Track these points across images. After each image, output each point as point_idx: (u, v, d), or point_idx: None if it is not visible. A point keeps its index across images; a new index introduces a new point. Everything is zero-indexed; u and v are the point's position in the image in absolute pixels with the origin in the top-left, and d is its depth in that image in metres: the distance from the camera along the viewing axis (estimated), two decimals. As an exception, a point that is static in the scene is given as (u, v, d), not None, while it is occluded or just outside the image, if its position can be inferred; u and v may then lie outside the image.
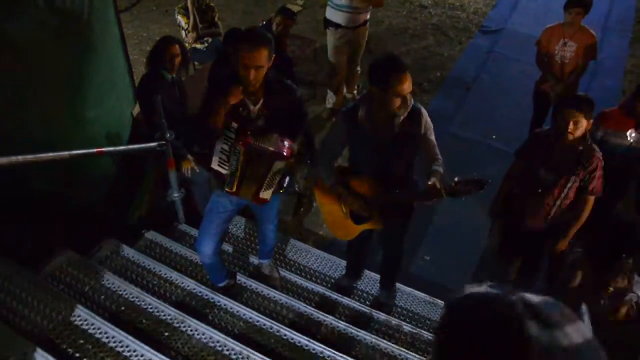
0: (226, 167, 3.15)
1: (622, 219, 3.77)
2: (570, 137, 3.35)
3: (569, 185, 3.55)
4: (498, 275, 4.46)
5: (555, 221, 3.75)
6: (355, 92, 6.48)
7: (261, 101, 3.04)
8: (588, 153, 3.46)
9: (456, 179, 2.93)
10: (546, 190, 3.63)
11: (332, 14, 5.78)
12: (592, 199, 3.60)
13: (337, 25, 5.78)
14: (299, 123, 3.31)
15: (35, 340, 2.96)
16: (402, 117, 3.05)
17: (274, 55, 2.90)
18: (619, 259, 3.19)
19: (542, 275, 4.24)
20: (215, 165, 3.19)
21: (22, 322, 3.17)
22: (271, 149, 2.93)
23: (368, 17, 5.86)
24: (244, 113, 3.03)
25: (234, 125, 3.01)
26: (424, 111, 3.15)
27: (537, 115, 5.71)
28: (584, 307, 3.07)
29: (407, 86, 2.92)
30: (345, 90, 6.49)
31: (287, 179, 3.36)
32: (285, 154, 2.97)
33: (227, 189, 3.15)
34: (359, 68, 6.27)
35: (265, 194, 3.21)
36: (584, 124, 3.33)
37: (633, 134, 4.05)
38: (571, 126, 3.32)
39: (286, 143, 3.01)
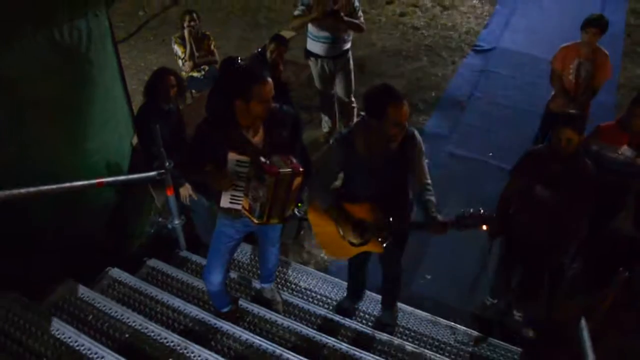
0: (240, 202, 3.19)
1: (620, 234, 3.81)
2: (565, 153, 3.43)
3: (565, 199, 3.61)
4: (498, 291, 4.49)
5: (553, 236, 3.79)
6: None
7: (261, 130, 3.11)
8: (582, 168, 3.53)
9: (462, 212, 2.97)
10: (543, 207, 3.68)
11: (312, 45, 5.84)
12: (587, 213, 3.65)
13: (317, 56, 5.85)
14: (296, 141, 3.40)
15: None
16: (397, 142, 3.11)
17: None
18: (617, 273, 3.22)
19: (543, 290, 4.26)
20: (226, 204, 3.22)
21: (26, 353, 3.19)
22: (290, 170, 2.99)
23: (349, 46, 5.89)
24: (249, 147, 3.09)
25: (245, 159, 3.05)
26: (417, 134, 3.21)
27: (543, 134, 5.72)
28: (583, 322, 3.09)
29: (404, 115, 2.98)
30: (339, 123, 6.52)
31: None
32: (301, 169, 3.03)
33: (257, 222, 3.13)
34: (353, 99, 6.29)
35: (289, 211, 3.26)
36: (576, 140, 3.40)
37: (626, 151, 4.10)
38: (566, 144, 3.40)
39: (294, 160, 3.07)
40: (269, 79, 2.94)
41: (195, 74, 6.21)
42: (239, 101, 2.92)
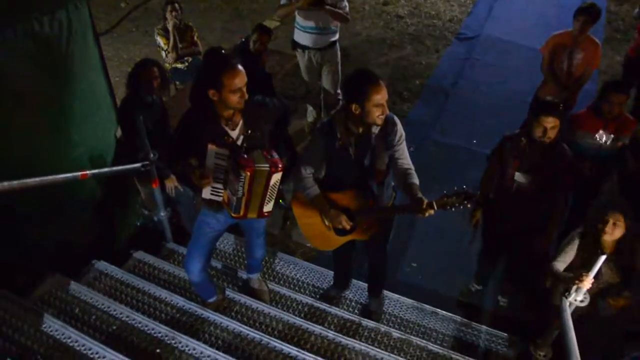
0: (221, 195, 3.20)
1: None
2: (549, 141, 3.47)
3: (544, 184, 3.67)
4: (483, 277, 4.55)
5: (534, 220, 3.85)
6: None
7: (240, 123, 3.10)
8: (559, 152, 3.58)
9: (446, 192, 2.98)
10: (522, 192, 3.73)
11: (298, 36, 5.84)
12: (566, 195, 3.71)
13: (304, 47, 5.85)
14: (280, 135, 3.38)
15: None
16: (379, 126, 3.12)
17: None
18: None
19: (527, 274, 4.32)
20: (207, 196, 3.23)
21: (13, 347, 3.19)
22: (267, 166, 2.96)
23: (336, 37, 5.88)
24: (229, 140, 3.08)
25: (224, 152, 3.05)
26: (397, 119, 3.22)
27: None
28: (565, 303, 3.14)
29: (384, 95, 3.00)
30: (324, 112, 6.52)
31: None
32: (280, 166, 3.01)
33: (234, 215, 3.15)
34: (339, 90, 6.27)
35: (268, 207, 3.22)
36: (559, 127, 3.45)
37: (603, 136, 4.17)
38: (550, 132, 3.43)
39: (274, 154, 3.05)
40: (240, 68, 2.88)
41: (178, 66, 6.19)
42: (212, 91, 2.89)
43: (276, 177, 3.05)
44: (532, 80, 6.22)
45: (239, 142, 3.10)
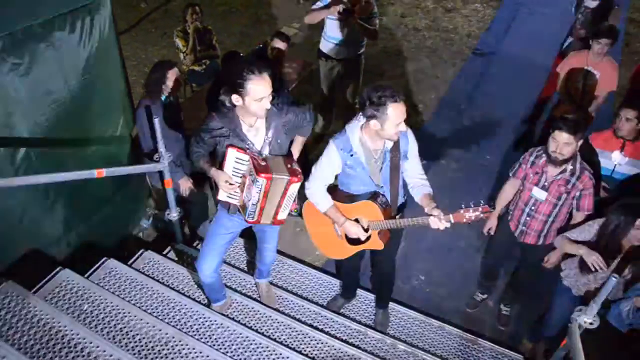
0: (237, 198, 3.22)
1: None
2: (561, 157, 3.46)
3: (560, 203, 3.65)
4: (486, 285, 4.54)
5: (549, 238, 3.84)
6: None
7: (262, 129, 3.11)
8: (579, 171, 3.56)
9: (463, 205, 2.97)
10: (539, 209, 3.72)
11: (324, 46, 5.85)
12: (582, 215, 3.68)
13: (327, 57, 5.86)
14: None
15: (34, 358, 3.00)
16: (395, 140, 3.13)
17: None
18: None
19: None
20: (224, 198, 3.26)
21: (22, 339, 3.21)
22: (287, 176, 2.99)
23: (362, 50, 5.87)
24: (248, 146, 3.10)
25: (244, 156, 3.07)
26: (409, 130, 3.22)
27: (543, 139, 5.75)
28: (575, 325, 3.11)
29: (405, 114, 3.00)
30: (336, 123, 6.50)
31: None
32: (298, 177, 3.03)
33: (249, 220, 3.19)
34: (357, 100, 6.27)
35: (283, 215, 3.26)
36: (574, 145, 3.43)
37: (617, 156, 4.14)
38: (562, 148, 3.42)
39: (295, 165, 3.07)
40: (266, 76, 2.86)
41: (196, 68, 6.22)
42: (236, 96, 2.90)
43: (294, 187, 3.07)
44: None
45: (260, 149, 3.11)
